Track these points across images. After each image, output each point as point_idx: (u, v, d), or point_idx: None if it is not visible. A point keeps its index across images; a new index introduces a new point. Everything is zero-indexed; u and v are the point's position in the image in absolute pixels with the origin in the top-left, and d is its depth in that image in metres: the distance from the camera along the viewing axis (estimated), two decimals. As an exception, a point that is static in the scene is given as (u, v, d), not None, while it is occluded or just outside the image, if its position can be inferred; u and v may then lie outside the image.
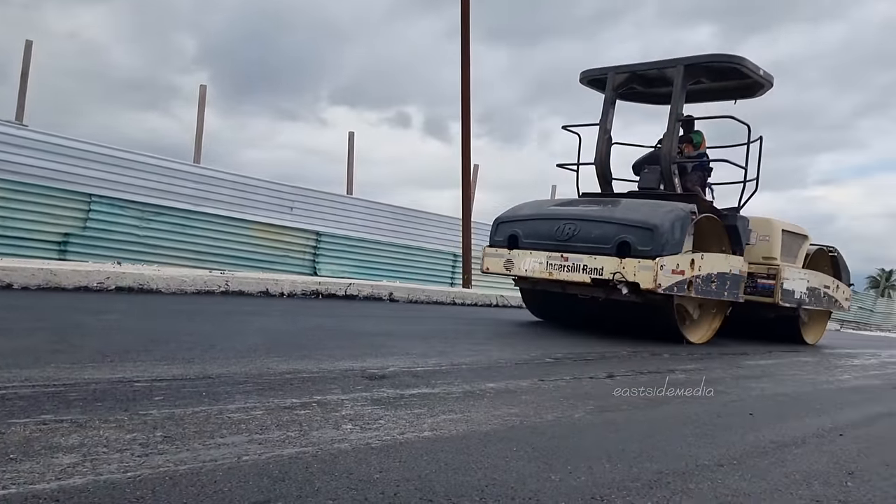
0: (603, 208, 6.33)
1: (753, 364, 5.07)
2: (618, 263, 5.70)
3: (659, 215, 5.85)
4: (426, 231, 12.49)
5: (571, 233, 6.17)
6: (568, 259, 6.06)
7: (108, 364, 2.60)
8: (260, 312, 5.36)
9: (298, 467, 1.62)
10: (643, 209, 6.06)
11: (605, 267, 5.79)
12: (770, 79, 7.13)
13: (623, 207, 6.22)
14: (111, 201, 8.77)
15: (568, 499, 1.59)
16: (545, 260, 6.24)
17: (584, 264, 5.94)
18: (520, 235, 6.58)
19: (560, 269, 6.12)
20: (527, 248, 6.47)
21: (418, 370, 3.17)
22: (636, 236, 5.75)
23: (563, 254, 6.10)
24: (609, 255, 5.80)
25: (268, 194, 10.49)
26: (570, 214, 6.38)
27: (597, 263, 5.86)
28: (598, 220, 6.14)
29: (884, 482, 2.03)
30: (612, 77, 7.30)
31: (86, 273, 5.83)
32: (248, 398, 2.26)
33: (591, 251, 5.96)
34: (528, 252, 6.41)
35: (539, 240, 6.40)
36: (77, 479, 1.41)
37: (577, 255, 6.01)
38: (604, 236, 5.94)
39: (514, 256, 6.54)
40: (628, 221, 5.91)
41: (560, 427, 2.30)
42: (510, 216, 6.87)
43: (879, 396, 4.06)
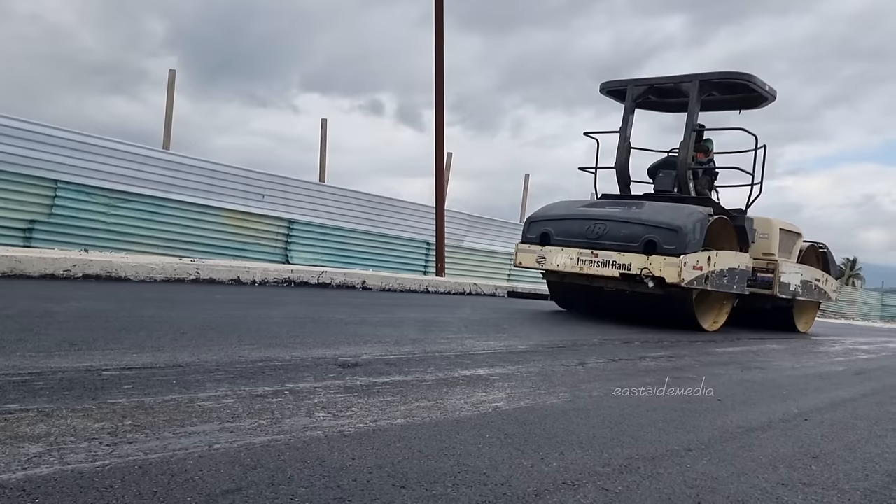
0: (629, 210, 6.99)
1: (721, 351, 5.15)
2: (645, 260, 6.35)
3: (682, 217, 6.50)
4: (399, 219, 12.44)
5: (601, 232, 6.80)
6: (598, 255, 6.69)
7: (76, 352, 2.56)
8: (231, 300, 5.32)
9: (270, 455, 1.61)
10: (667, 212, 6.71)
11: (633, 263, 6.42)
12: (774, 93, 7.82)
13: (648, 210, 6.89)
14: (78, 187, 8.61)
15: (539, 484, 1.60)
16: (576, 256, 6.86)
17: (614, 260, 6.57)
18: (552, 233, 7.19)
19: (590, 265, 6.75)
20: (558, 244, 7.07)
21: (391, 358, 3.17)
22: (662, 236, 6.38)
23: (594, 251, 6.72)
24: (637, 253, 6.43)
25: (239, 181, 10.36)
26: (599, 215, 7.02)
27: (625, 260, 6.48)
28: (626, 220, 6.77)
29: (846, 465, 2.08)
30: (632, 89, 7.97)
31: (52, 260, 5.72)
32: (219, 386, 2.24)
33: (619, 248, 6.58)
34: (560, 249, 7.03)
35: (571, 237, 7.02)
36: (44, 469, 1.38)
37: (607, 252, 6.63)
38: (631, 235, 6.57)
39: (547, 252, 7.13)
40: (654, 223, 6.54)
41: (532, 414, 2.32)
42: (542, 216, 7.50)
43: (843, 382, 4.15)
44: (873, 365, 5.52)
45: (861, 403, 3.36)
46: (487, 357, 3.52)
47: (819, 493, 1.77)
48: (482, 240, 13.96)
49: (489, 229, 14.17)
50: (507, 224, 14.74)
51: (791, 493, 1.74)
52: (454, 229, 13.01)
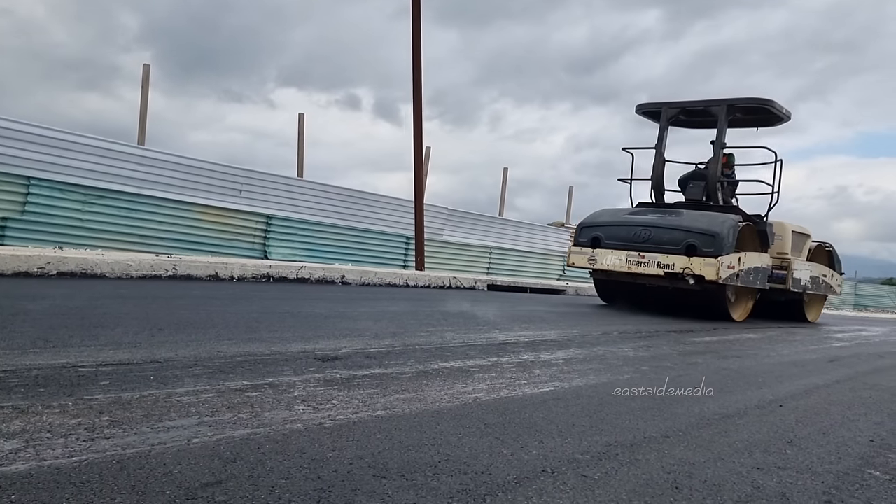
0: (670, 217, 8.02)
1: (699, 341, 5.21)
2: (687, 261, 7.39)
3: (718, 224, 7.56)
4: (378, 213, 12.40)
5: (647, 236, 7.84)
6: (644, 257, 7.73)
7: (51, 350, 2.53)
8: (209, 296, 5.28)
9: (250, 448, 1.60)
10: (704, 220, 7.74)
11: (677, 263, 7.46)
12: (789, 115, 8.88)
13: (687, 217, 7.90)
14: (51, 184, 8.48)
15: (519, 472, 1.61)
16: (625, 257, 7.89)
17: (658, 261, 7.61)
18: (602, 237, 8.21)
19: (637, 265, 7.77)
20: (608, 247, 8.09)
21: (371, 351, 3.17)
22: (701, 240, 7.42)
23: (641, 253, 7.76)
24: (679, 254, 7.47)
25: (216, 177, 10.26)
26: (643, 222, 8.06)
27: (669, 260, 7.53)
28: (668, 227, 7.81)
29: (820, 449, 2.12)
30: (666, 111, 9.08)
31: (25, 258, 5.64)
32: (197, 381, 2.22)
33: (663, 251, 7.62)
34: (610, 251, 8.05)
35: (619, 241, 8.03)
36: (20, 465, 1.37)
37: (652, 253, 7.68)
38: (674, 240, 7.61)
39: (598, 254, 8.16)
40: (694, 229, 7.59)
41: (512, 404, 2.34)
42: (592, 222, 8.55)
43: (817, 369, 4.22)
44: (846, 352, 5.62)
45: (834, 389, 3.42)
46: (467, 349, 3.53)
47: (793, 477, 1.80)
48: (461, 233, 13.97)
49: (468, 223, 14.18)
50: (487, 218, 14.76)
51: (766, 477, 1.77)
52: (433, 223, 13.00)
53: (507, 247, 14.95)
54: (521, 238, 15.40)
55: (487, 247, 14.51)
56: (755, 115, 8.99)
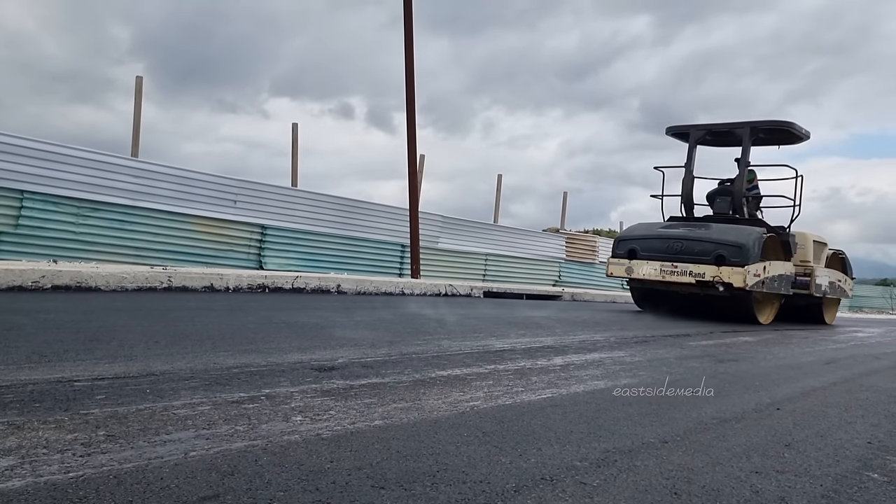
0: (700, 231, 8.84)
1: (695, 345, 5.22)
2: (717, 270, 8.13)
3: (744, 236, 8.34)
4: (373, 222, 12.40)
5: (679, 248, 8.63)
6: (677, 267, 8.50)
7: (46, 364, 2.52)
8: (205, 308, 5.26)
9: (248, 461, 1.60)
10: (732, 232, 8.52)
11: (707, 272, 8.21)
12: (808, 134, 9.74)
13: (716, 230, 8.69)
14: (45, 197, 8.46)
15: (518, 480, 1.61)
16: (659, 267, 8.69)
17: (690, 270, 8.38)
18: (637, 249, 9.04)
19: (671, 274, 8.57)
20: (644, 258, 8.92)
21: (368, 360, 3.16)
22: (729, 251, 8.15)
23: (674, 263, 8.54)
24: (709, 264, 8.23)
25: (210, 188, 10.25)
26: (676, 235, 8.88)
27: (700, 270, 8.29)
28: (699, 239, 8.59)
29: (818, 452, 2.12)
30: (694, 133, 9.98)
31: (19, 272, 5.62)
32: (194, 394, 2.22)
33: (695, 261, 8.38)
34: (646, 262, 8.86)
35: (654, 252, 8.86)
36: (16, 482, 1.36)
37: (685, 264, 8.45)
38: (704, 251, 8.38)
39: (634, 265, 8.97)
40: (723, 241, 8.34)
41: (510, 412, 2.33)
42: (628, 235, 9.53)
43: (813, 371, 4.23)
44: (842, 354, 5.63)
45: (831, 392, 3.42)
46: (464, 357, 3.53)
47: (792, 480, 1.80)
48: (457, 241, 13.97)
49: (463, 230, 14.18)
50: (482, 224, 14.77)
51: (764, 481, 1.77)
52: (428, 231, 13.00)
53: (502, 253, 14.96)
54: (516, 244, 15.41)
55: (483, 254, 14.51)
56: (777, 135, 9.80)
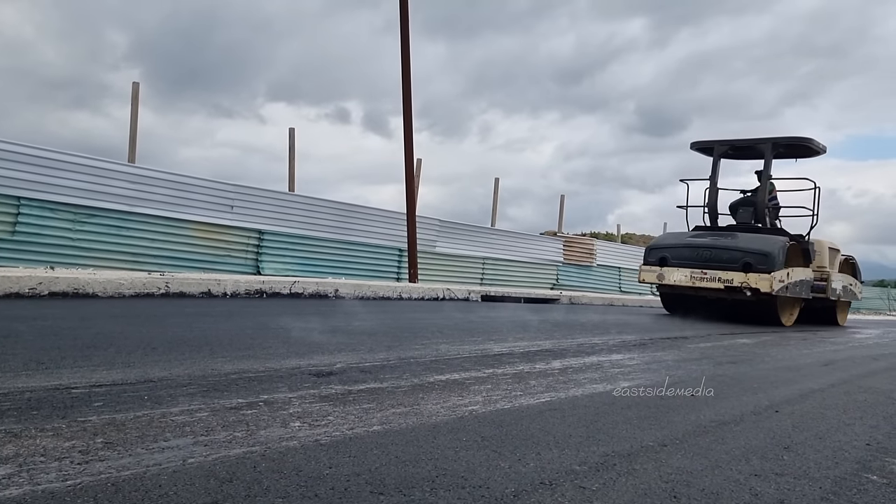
0: (727, 240, 9.51)
1: (693, 347, 5.22)
2: (744, 276, 8.79)
3: (770, 245, 9.02)
4: (371, 226, 12.38)
5: (708, 256, 9.30)
6: (707, 273, 9.18)
7: (44, 371, 2.51)
8: (202, 314, 5.26)
9: (246, 467, 1.59)
10: (758, 241, 9.21)
11: (735, 278, 8.85)
12: (825, 148, 10.46)
13: (743, 240, 9.37)
14: (41, 204, 8.44)
15: (517, 485, 1.61)
16: (689, 274, 9.37)
17: (719, 276, 9.03)
18: (668, 257, 9.75)
19: (700, 280, 9.23)
20: (674, 265, 9.63)
21: (366, 365, 3.16)
22: (756, 259, 8.82)
23: (703, 270, 9.23)
24: (737, 271, 8.87)
25: (207, 193, 10.23)
26: (705, 244, 9.58)
27: (728, 276, 8.94)
28: (727, 248, 9.24)
29: (817, 454, 2.13)
30: (718, 147, 10.75)
31: (16, 279, 5.60)
32: (192, 400, 2.21)
33: (723, 268, 9.03)
34: (676, 269, 9.57)
35: (684, 260, 9.54)
36: (13, 490, 1.36)
37: (714, 270, 9.12)
38: (732, 259, 9.03)
39: (665, 272, 9.70)
40: (750, 249, 9.02)
41: (509, 416, 2.33)
42: (659, 244, 10.25)
43: (811, 373, 4.23)
44: (840, 356, 5.64)
45: (829, 394, 3.43)
46: (462, 361, 3.53)
47: (791, 483, 1.80)
48: (454, 245, 13.96)
49: (461, 234, 14.18)
50: (479, 228, 14.77)
51: (764, 484, 1.77)
52: (426, 235, 13.00)
53: (500, 257, 14.96)
54: (514, 248, 15.41)
55: (480, 257, 14.51)
56: (796, 150, 10.55)
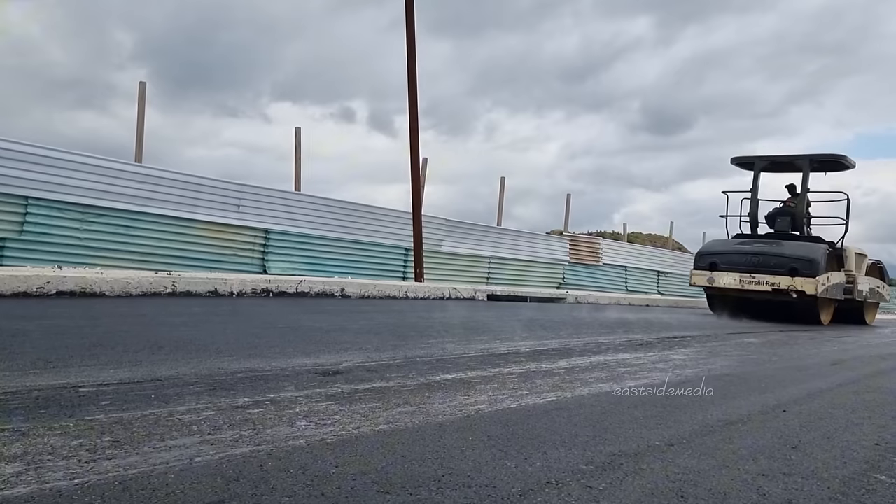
0: (773, 247, 10.61)
1: (700, 347, 5.20)
2: (790, 280, 9.93)
3: (814, 252, 10.23)
4: (377, 226, 12.39)
5: (756, 262, 10.36)
6: (755, 277, 10.24)
7: (51, 370, 2.52)
8: (209, 313, 5.27)
9: (253, 466, 1.60)
10: (802, 249, 10.42)
11: (782, 282, 9.99)
12: (855, 164, 11.47)
13: (788, 247, 10.51)
14: (49, 203, 8.47)
15: (524, 484, 1.61)
16: (738, 278, 10.41)
17: (767, 280, 10.12)
18: (718, 262, 10.75)
19: (749, 283, 10.29)
20: (723, 270, 10.62)
21: (372, 364, 3.16)
22: (801, 264, 9.97)
23: (752, 274, 10.28)
24: (783, 275, 10.00)
25: (213, 192, 10.25)
26: (752, 251, 10.63)
27: (775, 280, 10.05)
28: (774, 254, 10.36)
29: (825, 454, 2.11)
30: (758, 163, 11.93)
31: (24, 278, 5.63)
32: (198, 399, 2.21)
33: (770, 273, 10.13)
34: (726, 273, 10.58)
35: (733, 265, 10.58)
36: (21, 489, 1.36)
37: (762, 275, 10.20)
38: (780, 264, 10.14)
39: (715, 276, 10.69)
40: (796, 256, 10.17)
41: (515, 415, 2.33)
42: (708, 250, 11.25)
43: (819, 373, 4.21)
44: (848, 355, 5.61)
45: (838, 393, 3.41)
46: (469, 360, 3.53)
47: (799, 483, 1.79)
48: (460, 244, 13.96)
49: (467, 233, 14.17)
50: (485, 227, 14.76)
51: (771, 484, 1.76)
52: (432, 234, 12.99)
53: (506, 256, 14.95)
54: (520, 247, 15.40)
55: (486, 257, 14.50)
56: (829, 165, 11.54)
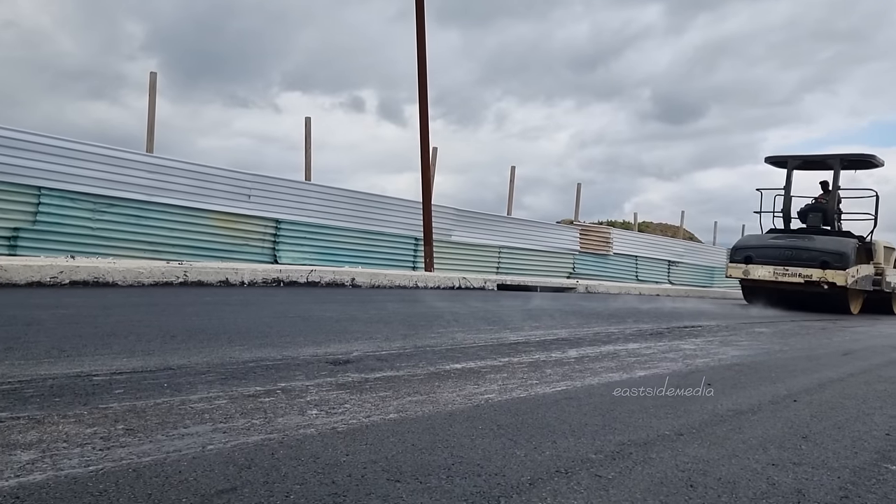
0: (805, 241, 11.37)
1: (711, 337, 5.19)
2: (822, 272, 10.71)
3: (844, 246, 11.02)
4: (387, 215, 12.40)
5: (790, 255, 11.17)
6: (788, 270, 11.06)
7: (66, 359, 2.55)
8: (220, 302, 5.30)
9: (264, 454, 1.61)
10: (833, 243, 11.18)
11: (814, 274, 10.77)
12: (884, 163, 12.27)
13: (819, 241, 11.27)
14: (62, 194, 8.53)
15: (533, 473, 1.61)
16: (772, 270, 11.24)
17: (800, 272, 10.93)
18: (753, 256, 11.56)
19: (783, 275, 11.12)
20: (758, 263, 11.45)
21: (382, 354, 3.17)
22: (832, 258, 10.73)
23: (785, 267, 11.10)
24: (815, 268, 10.79)
25: (224, 182, 10.29)
26: (785, 245, 11.43)
27: (808, 272, 10.85)
28: (807, 248, 11.10)
29: (835, 444, 2.11)
30: (791, 162, 12.72)
31: (38, 268, 5.68)
32: (210, 388, 2.23)
33: (803, 265, 10.93)
34: (760, 266, 11.41)
35: (768, 258, 11.39)
36: (37, 476, 1.38)
37: (795, 267, 11.02)
38: (812, 258, 10.91)
39: (750, 268, 11.50)
40: (827, 249, 10.92)
41: (524, 404, 2.33)
42: (744, 244, 12.02)
43: (830, 363, 4.19)
44: (859, 345, 5.58)
45: (848, 383, 3.40)
46: (478, 349, 3.53)
47: (809, 473, 1.79)
48: (470, 234, 13.96)
49: (477, 223, 14.16)
50: (495, 217, 14.75)
51: (781, 473, 1.76)
52: (442, 224, 13.00)
53: (516, 246, 14.93)
54: (530, 237, 15.38)
55: (496, 246, 14.50)
56: (859, 163, 12.36)
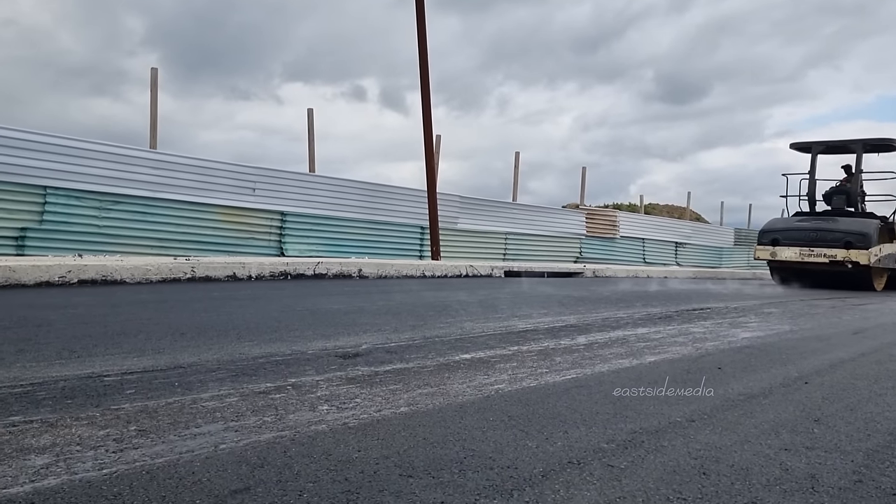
0: (829, 223, 12.00)
1: (721, 319, 5.18)
2: (846, 252, 11.33)
3: (866, 227, 11.66)
4: (392, 205, 12.40)
5: (815, 237, 11.79)
6: (814, 251, 11.70)
7: (76, 360, 2.56)
8: (229, 297, 5.31)
9: (276, 452, 1.62)
10: (856, 224, 11.82)
11: (839, 254, 11.38)
12: None
13: (843, 222, 11.94)
14: (67, 192, 8.56)
15: (545, 464, 1.61)
16: (798, 251, 11.89)
17: (824, 253, 11.54)
18: (779, 238, 12.24)
19: (808, 256, 11.75)
20: (785, 245, 12.12)
21: (391, 346, 3.18)
22: (855, 238, 11.40)
23: (811, 248, 11.74)
24: (839, 248, 11.40)
25: (229, 176, 10.30)
26: (810, 227, 12.06)
27: (832, 252, 11.46)
28: (831, 230, 11.75)
29: (848, 426, 2.10)
30: (815, 147, 13.35)
31: (46, 268, 5.70)
32: (221, 385, 2.24)
33: (828, 246, 11.54)
34: (787, 247, 12.06)
35: (794, 240, 12.03)
36: (52, 480, 1.39)
37: (819, 248, 11.65)
38: (835, 239, 11.53)
39: (777, 250, 12.21)
40: (851, 230, 11.59)
41: (535, 394, 2.33)
42: (770, 227, 12.67)
43: (841, 343, 4.18)
44: (870, 324, 5.56)
45: (860, 363, 3.38)
46: (487, 339, 3.53)
47: (822, 456, 1.79)
48: (476, 221, 13.94)
49: (482, 210, 14.15)
50: (500, 203, 14.72)
51: (794, 458, 1.76)
52: (447, 212, 12.98)
53: (522, 232, 14.91)
54: (536, 222, 15.35)
55: (503, 233, 14.48)
56: (880, 147, 12.98)
